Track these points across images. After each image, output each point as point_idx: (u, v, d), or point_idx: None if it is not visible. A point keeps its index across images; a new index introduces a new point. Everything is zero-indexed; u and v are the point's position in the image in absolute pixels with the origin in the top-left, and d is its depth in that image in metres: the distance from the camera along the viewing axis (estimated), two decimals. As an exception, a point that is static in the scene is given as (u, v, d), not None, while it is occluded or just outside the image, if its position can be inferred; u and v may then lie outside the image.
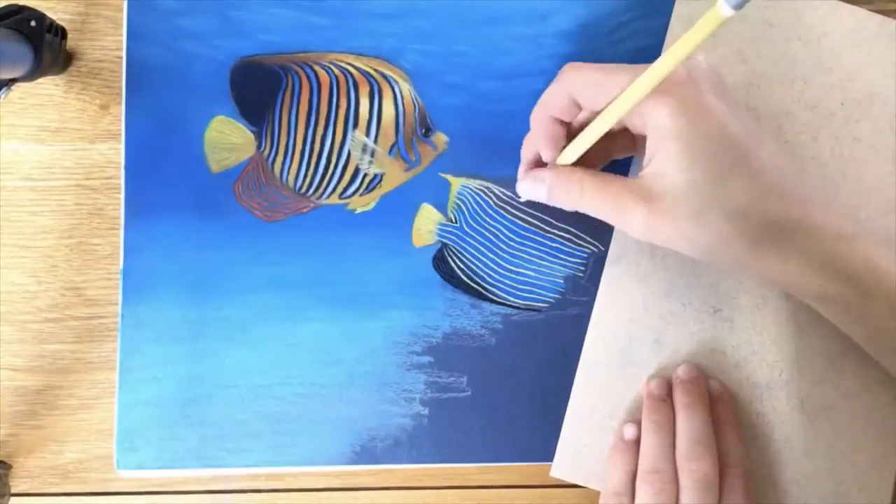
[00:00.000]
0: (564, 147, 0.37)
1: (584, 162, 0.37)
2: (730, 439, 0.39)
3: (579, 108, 0.36)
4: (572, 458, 0.41)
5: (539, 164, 0.39)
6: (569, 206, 0.37)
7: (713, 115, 0.33)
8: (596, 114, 0.35)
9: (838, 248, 0.34)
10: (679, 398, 0.40)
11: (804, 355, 0.41)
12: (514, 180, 0.42)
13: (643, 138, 0.35)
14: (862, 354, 0.38)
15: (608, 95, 0.34)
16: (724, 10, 0.27)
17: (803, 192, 0.35)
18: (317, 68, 0.41)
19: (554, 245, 0.42)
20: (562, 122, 0.37)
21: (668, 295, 0.41)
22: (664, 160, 0.33)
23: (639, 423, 0.40)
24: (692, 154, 0.33)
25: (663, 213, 0.34)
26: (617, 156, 0.40)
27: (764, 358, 0.41)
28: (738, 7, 0.27)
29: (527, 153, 0.39)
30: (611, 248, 0.42)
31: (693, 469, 0.37)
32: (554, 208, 0.38)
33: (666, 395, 0.40)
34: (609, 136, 0.36)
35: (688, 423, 0.39)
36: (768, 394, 0.41)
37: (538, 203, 0.39)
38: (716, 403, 0.40)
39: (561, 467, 0.41)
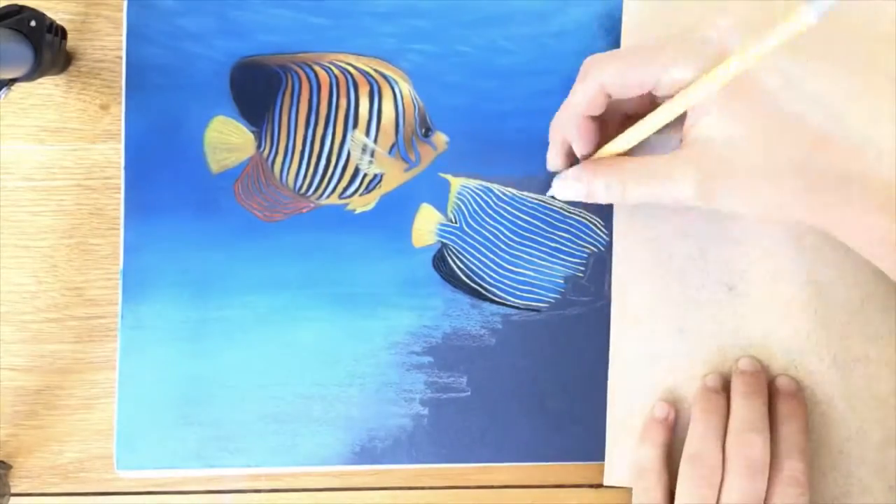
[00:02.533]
0: (598, 143, 0.37)
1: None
2: (794, 435, 0.38)
3: (609, 100, 0.35)
4: (621, 462, 0.41)
5: (570, 154, 0.38)
6: (614, 201, 0.36)
7: (757, 82, 0.32)
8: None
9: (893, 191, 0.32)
10: (736, 388, 0.39)
11: (827, 313, 0.41)
12: (514, 180, 0.42)
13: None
14: (882, 299, 0.37)
15: (645, 79, 0.33)
16: (807, 16, 0.26)
17: (850, 141, 0.33)
18: (316, 68, 0.41)
19: (554, 245, 0.42)
20: (595, 119, 0.36)
21: (681, 283, 0.41)
22: (707, 126, 0.33)
23: (671, 404, 0.40)
24: (738, 109, 0.32)
25: (717, 174, 0.33)
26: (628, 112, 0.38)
27: (788, 324, 0.41)
28: (822, 16, 0.25)
29: (555, 139, 0.38)
30: (614, 249, 0.42)
31: (742, 454, 0.36)
32: (553, 208, 0.38)
33: (721, 388, 0.40)
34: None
35: (742, 412, 0.38)
36: (800, 358, 0.41)
37: (538, 202, 0.39)
38: (784, 397, 0.39)
39: (612, 474, 0.41)
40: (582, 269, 0.42)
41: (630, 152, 0.37)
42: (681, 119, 0.34)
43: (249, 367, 0.41)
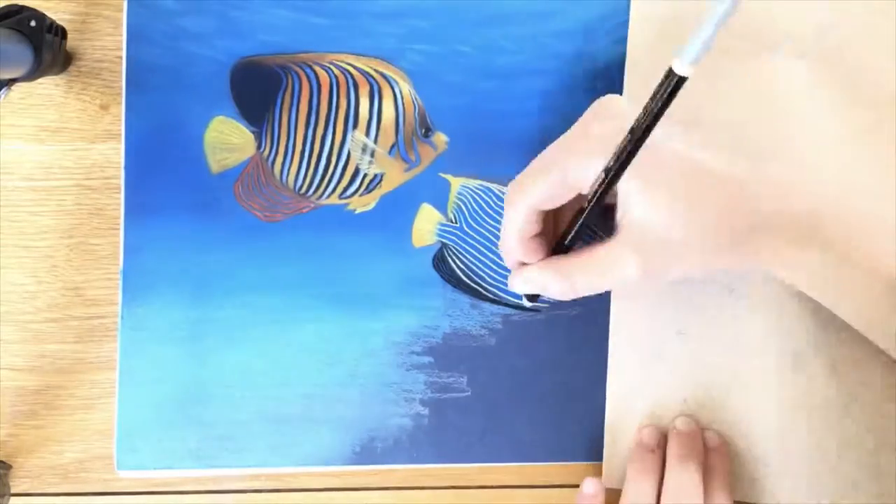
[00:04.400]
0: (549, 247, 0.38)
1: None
2: (718, 491, 0.39)
3: (545, 213, 0.37)
4: (619, 464, 0.41)
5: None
6: (563, 295, 0.37)
7: (661, 149, 0.33)
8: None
9: (810, 222, 0.33)
10: (672, 449, 0.40)
11: (828, 317, 0.41)
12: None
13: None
14: None
15: (569, 191, 0.35)
16: (680, 69, 0.26)
17: (756, 183, 0.34)
18: (317, 68, 0.41)
19: (554, 245, 0.42)
20: (538, 237, 0.37)
21: (681, 285, 0.41)
22: (633, 207, 0.34)
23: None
24: (653, 190, 0.33)
25: (652, 252, 0.34)
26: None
27: (789, 328, 0.41)
28: (694, 64, 0.26)
29: (511, 263, 0.39)
30: None
31: None
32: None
33: (656, 445, 0.40)
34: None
35: (678, 476, 0.39)
36: (800, 362, 0.41)
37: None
38: (710, 452, 0.40)
39: (611, 476, 0.41)
40: (582, 269, 0.42)
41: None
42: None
43: (249, 367, 0.41)
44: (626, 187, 0.34)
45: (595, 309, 0.42)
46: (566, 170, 0.35)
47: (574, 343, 0.42)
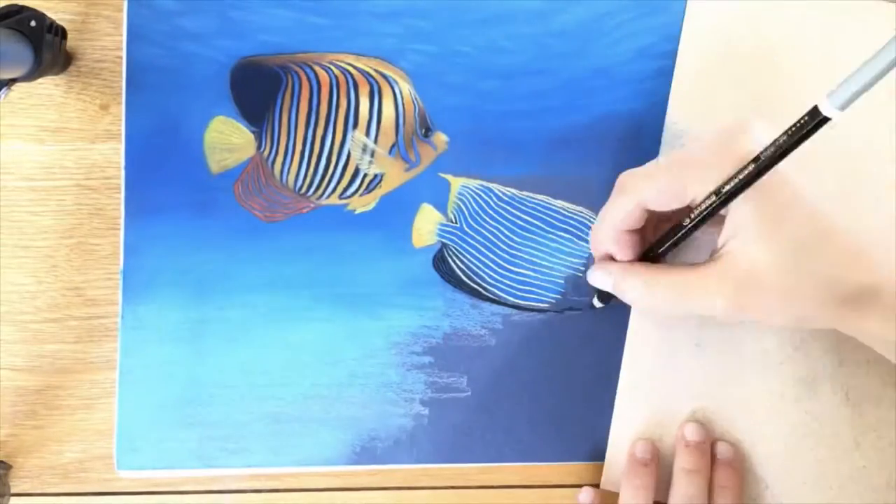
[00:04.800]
0: (640, 248, 0.37)
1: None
2: None
3: (648, 213, 0.36)
4: (620, 468, 0.41)
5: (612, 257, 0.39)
6: (640, 306, 0.37)
7: (789, 185, 0.33)
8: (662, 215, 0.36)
9: None
10: (680, 462, 0.40)
11: (845, 347, 0.41)
12: (515, 180, 0.42)
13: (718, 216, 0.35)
14: None
15: (683, 194, 0.34)
16: (826, 110, 0.25)
17: (878, 254, 0.34)
18: (317, 68, 0.41)
19: (554, 245, 0.42)
20: (633, 232, 0.37)
21: None
22: (742, 242, 0.33)
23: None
24: (773, 227, 0.33)
25: (752, 291, 0.34)
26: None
27: (807, 353, 0.41)
28: (843, 108, 0.25)
29: (600, 252, 0.39)
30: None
31: None
32: (554, 208, 0.38)
33: (650, 459, 0.40)
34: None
35: (685, 490, 0.39)
36: (814, 389, 0.41)
37: (538, 202, 0.39)
38: (721, 466, 0.40)
39: (611, 480, 0.41)
40: (582, 269, 0.42)
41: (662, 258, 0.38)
42: (717, 221, 0.35)
43: (249, 367, 0.41)
44: (742, 215, 0.33)
45: (595, 309, 0.42)
46: (686, 178, 0.34)
47: (574, 343, 0.42)
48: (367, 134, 0.42)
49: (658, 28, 0.42)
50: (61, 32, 0.40)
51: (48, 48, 0.39)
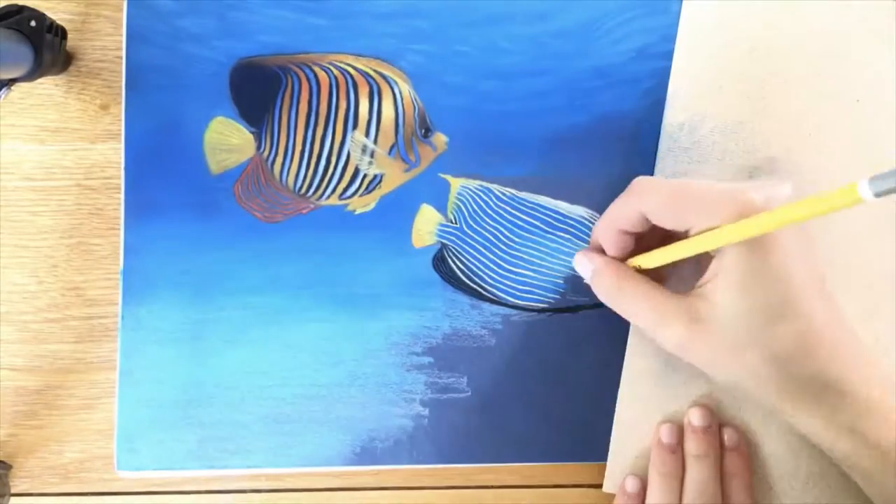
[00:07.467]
0: (630, 252, 0.38)
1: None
2: (738, 494, 0.39)
3: (649, 222, 0.36)
4: (622, 470, 0.41)
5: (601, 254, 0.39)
6: (606, 301, 0.38)
7: (781, 252, 0.33)
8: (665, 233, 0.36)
9: (869, 418, 0.33)
10: (689, 448, 0.40)
11: None
12: (515, 180, 0.42)
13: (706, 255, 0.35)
14: None
15: (680, 222, 0.34)
16: (864, 193, 0.25)
17: (846, 351, 0.34)
18: (316, 69, 0.41)
19: (554, 245, 0.42)
20: (630, 234, 0.37)
21: None
22: (720, 286, 0.33)
23: (642, 476, 0.41)
24: (749, 288, 0.33)
25: (704, 335, 0.34)
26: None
27: None
28: (879, 195, 0.24)
29: (594, 242, 0.40)
30: None
31: None
32: (553, 208, 0.38)
33: (676, 444, 0.40)
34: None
35: (695, 476, 0.39)
36: None
37: (538, 202, 0.39)
38: (729, 453, 0.40)
39: (612, 481, 0.41)
40: (582, 269, 0.42)
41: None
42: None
43: (249, 367, 0.41)
44: (727, 261, 0.33)
45: (595, 310, 0.42)
46: (687, 203, 0.34)
47: (574, 343, 0.42)
48: (367, 134, 0.42)
49: (657, 28, 0.42)
50: (61, 32, 0.40)
51: (48, 48, 0.39)
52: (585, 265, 0.39)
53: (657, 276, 0.38)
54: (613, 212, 0.37)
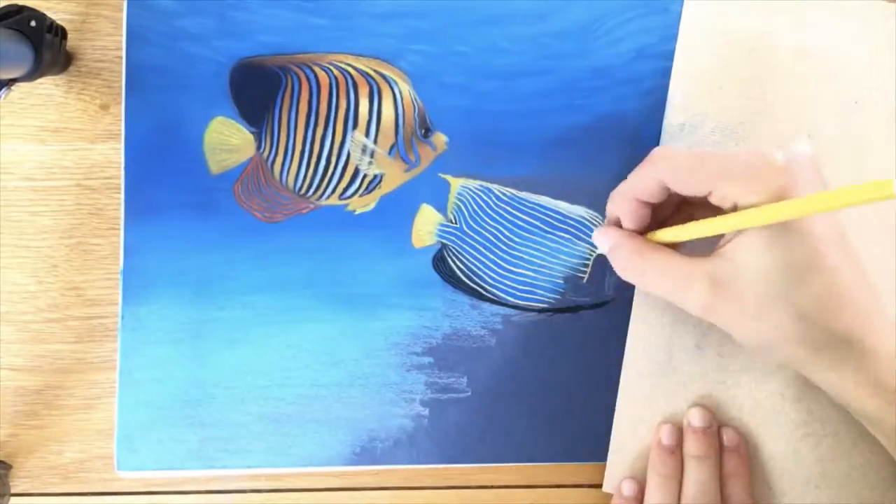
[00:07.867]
0: (647, 225, 0.38)
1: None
2: (737, 495, 0.39)
3: (668, 191, 0.36)
4: (622, 470, 0.41)
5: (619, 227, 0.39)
6: (624, 273, 0.37)
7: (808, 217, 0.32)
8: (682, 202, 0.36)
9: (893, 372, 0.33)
10: (689, 448, 0.40)
11: None
12: (515, 180, 0.42)
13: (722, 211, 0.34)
14: None
15: (700, 185, 0.34)
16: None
17: (868, 307, 0.33)
18: (316, 69, 0.41)
19: (554, 245, 0.42)
20: (647, 204, 0.37)
21: None
22: (742, 245, 0.33)
23: (640, 478, 0.41)
24: (773, 246, 0.32)
25: (729, 296, 0.33)
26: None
27: None
28: None
29: (611, 215, 0.39)
30: None
31: None
32: (553, 208, 0.38)
33: (676, 445, 0.40)
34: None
35: (695, 477, 0.39)
36: (814, 388, 0.40)
37: (538, 202, 0.39)
38: (728, 454, 0.40)
39: (612, 481, 0.41)
40: (582, 269, 0.42)
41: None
42: None
43: (249, 367, 0.41)
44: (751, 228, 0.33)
45: (595, 310, 0.42)
46: (706, 165, 0.34)
47: (574, 343, 0.42)
48: (367, 134, 0.42)
49: (657, 28, 0.42)
50: (61, 32, 0.40)
51: (48, 48, 0.39)
52: (602, 240, 0.39)
53: (672, 244, 0.37)
54: (631, 182, 0.37)
